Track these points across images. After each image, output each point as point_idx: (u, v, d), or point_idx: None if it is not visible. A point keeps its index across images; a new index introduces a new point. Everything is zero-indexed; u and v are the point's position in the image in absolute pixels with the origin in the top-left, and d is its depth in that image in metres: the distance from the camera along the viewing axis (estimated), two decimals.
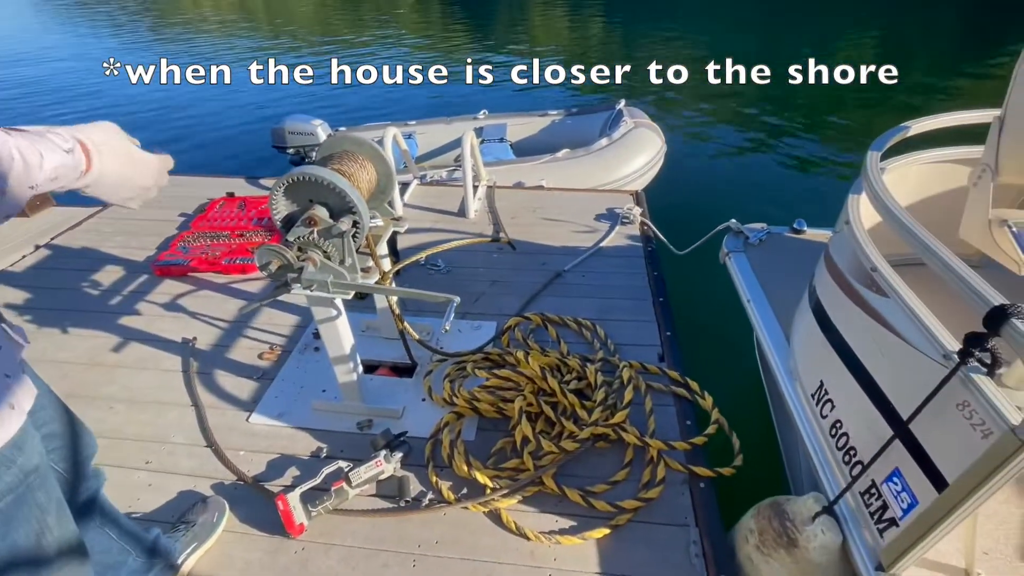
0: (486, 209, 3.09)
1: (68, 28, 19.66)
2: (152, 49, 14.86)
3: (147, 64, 7.13)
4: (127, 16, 22.55)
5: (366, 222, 1.42)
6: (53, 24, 21.00)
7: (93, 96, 9.38)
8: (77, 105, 8.76)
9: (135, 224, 2.99)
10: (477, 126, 4.60)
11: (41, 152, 0.63)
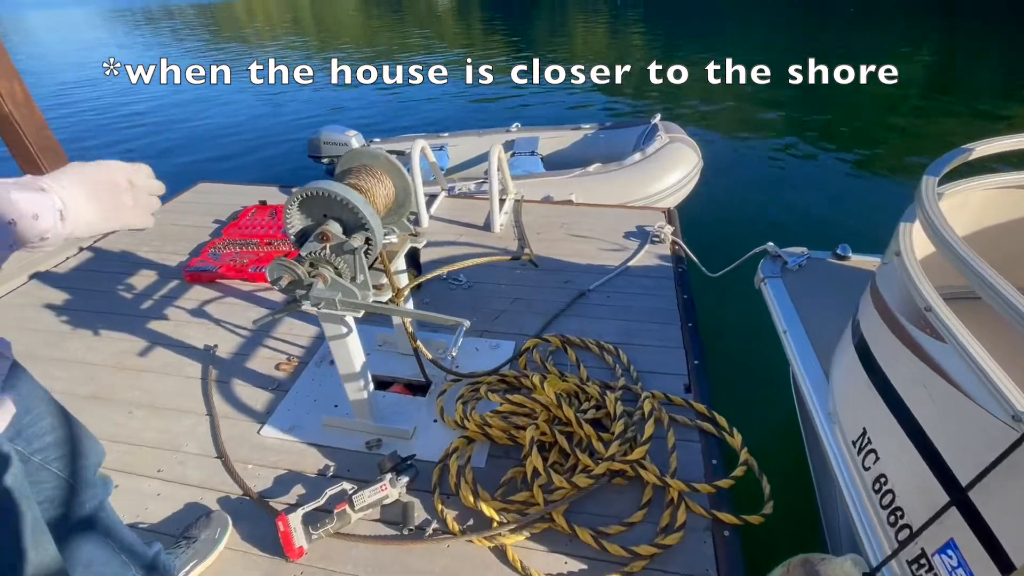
0: (512, 223, 3.04)
1: (135, 38, 20.93)
2: (207, 57, 15.65)
3: (198, 70, 7.45)
4: (188, 29, 23.87)
5: (379, 239, 1.38)
6: (122, 35, 22.38)
7: (143, 102, 9.92)
8: (126, 109, 9.29)
9: (173, 229, 3.08)
10: (509, 139, 4.58)
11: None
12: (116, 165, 0.77)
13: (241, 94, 10.83)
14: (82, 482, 1.05)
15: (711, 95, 8.44)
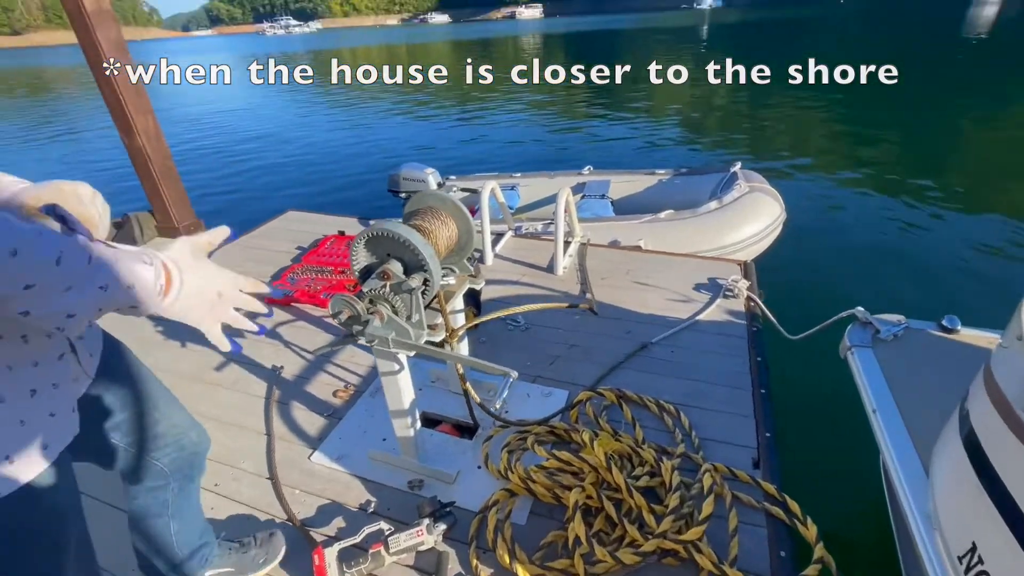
0: (576, 266, 3.00)
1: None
2: (315, 96, 17.34)
3: (305, 108, 8.23)
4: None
5: (436, 280, 1.39)
6: (248, 77, 25.34)
7: (255, 138, 11.07)
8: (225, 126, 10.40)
9: (261, 253, 3.34)
10: (580, 181, 4.60)
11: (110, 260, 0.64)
12: (224, 279, 0.81)
13: (337, 131, 11.82)
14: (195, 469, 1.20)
15: (799, 145, 8.06)
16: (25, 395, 0.72)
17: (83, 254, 0.61)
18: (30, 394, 0.73)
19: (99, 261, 0.63)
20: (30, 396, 0.73)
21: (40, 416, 0.75)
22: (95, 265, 0.62)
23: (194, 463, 1.21)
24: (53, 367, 0.77)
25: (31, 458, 0.72)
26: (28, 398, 0.72)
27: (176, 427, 1.13)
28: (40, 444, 0.74)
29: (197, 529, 1.30)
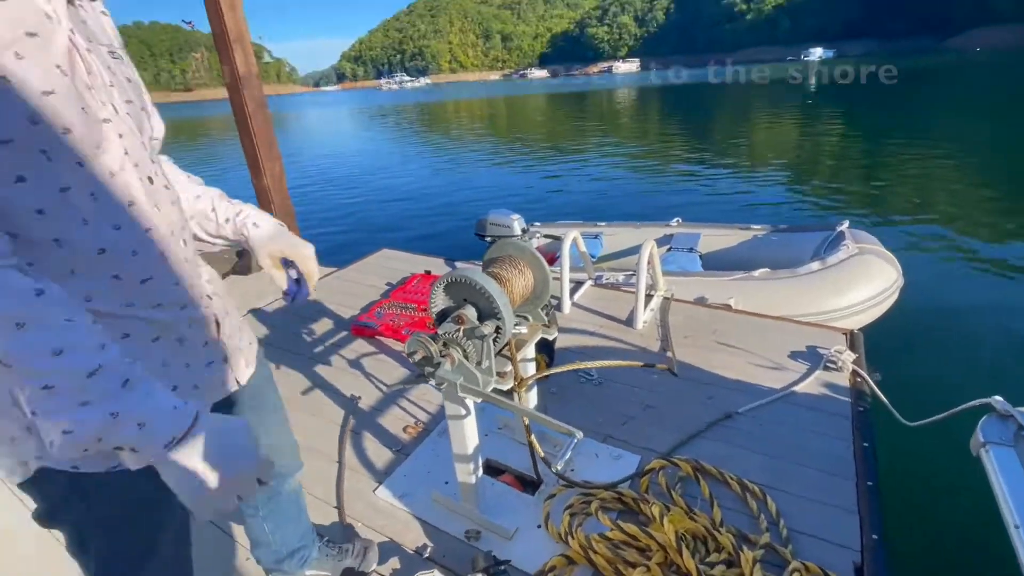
0: (657, 321, 2.88)
1: (372, 128, 26.21)
2: (421, 143, 18.83)
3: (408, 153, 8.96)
4: (408, 122, 29.05)
5: (508, 328, 1.40)
6: (362, 125, 28.18)
7: (365, 180, 12.15)
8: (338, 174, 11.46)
9: (355, 287, 3.59)
10: (667, 233, 4.48)
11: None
12: (243, 474, 0.70)
13: (435, 176, 12.66)
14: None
15: (923, 207, 7.29)
16: (218, 363, 0.85)
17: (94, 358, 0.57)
18: (172, 389, 0.79)
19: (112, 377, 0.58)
20: (171, 390, 0.76)
21: (216, 377, 0.87)
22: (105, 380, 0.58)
23: (280, 481, 1.29)
24: (200, 372, 0.87)
25: None
26: (217, 362, 0.86)
27: (278, 450, 1.23)
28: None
29: (296, 532, 1.37)
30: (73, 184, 0.62)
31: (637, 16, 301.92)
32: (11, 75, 0.54)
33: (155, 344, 0.77)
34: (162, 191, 0.77)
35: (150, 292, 0.74)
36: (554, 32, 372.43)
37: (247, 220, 1.02)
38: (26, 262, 0.58)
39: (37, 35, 0.57)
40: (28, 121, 0.56)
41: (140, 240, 0.71)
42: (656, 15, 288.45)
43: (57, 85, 0.59)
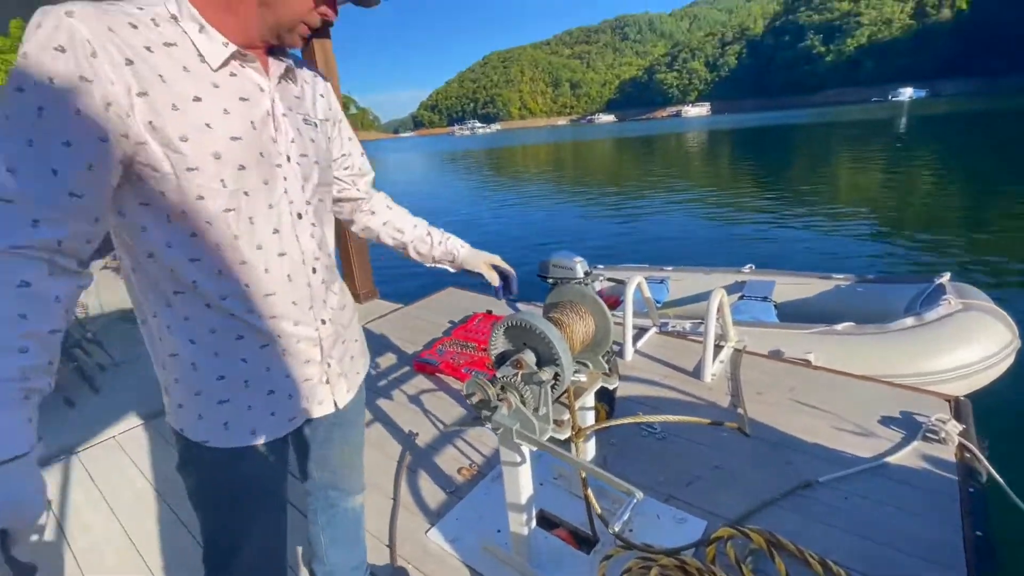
0: (727, 375, 2.71)
1: (444, 171, 27.62)
2: (484, 189, 19.53)
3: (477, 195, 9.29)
4: (478, 165, 30.34)
5: (567, 376, 1.37)
6: (435, 169, 29.78)
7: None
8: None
9: (420, 323, 3.70)
10: (739, 280, 4.28)
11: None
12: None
13: (503, 217, 13.00)
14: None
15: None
16: (263, 393, 0.93)
17: None
18: (267, 393, 0.93)
19: None
20: (267, 394, 0.93)
21: (264, 407, 0.94)
22: None
23: (341, 496, 1.35)
24: (298, 385, 0.97)
25: (238, 429, 0.93)
26: (265, 395, 0.93)
27: (348, 468, 1.31)
28: (252, 426, 0.94)
29: (351, 559, 1.42)
30: (235, 208, 0.81)
31: (708, 61, 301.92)
32: (213, 124, 0.76)
33: (263, 350, 0.91)
34: (307, 226, 0.93)
35: (270, 305, 0.88)
36: (622, 79, 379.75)
37: (455, 244, 1.34)
38: (194, 258, 0.80)
39: (248, 100, 0.81)
40: (212, 156, 0.77)
41: (273, 261, 0.87)
42: (728, 60, 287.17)
43: (245, 134, 0.80)
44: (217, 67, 0.78)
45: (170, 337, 0.86)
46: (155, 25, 0.73)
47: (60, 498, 2.14)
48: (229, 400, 0.90)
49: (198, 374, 0.88)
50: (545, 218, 12.54)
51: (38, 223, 0.63)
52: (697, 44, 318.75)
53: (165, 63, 0.73)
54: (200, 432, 0.91)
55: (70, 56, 0.64)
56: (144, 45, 0.71)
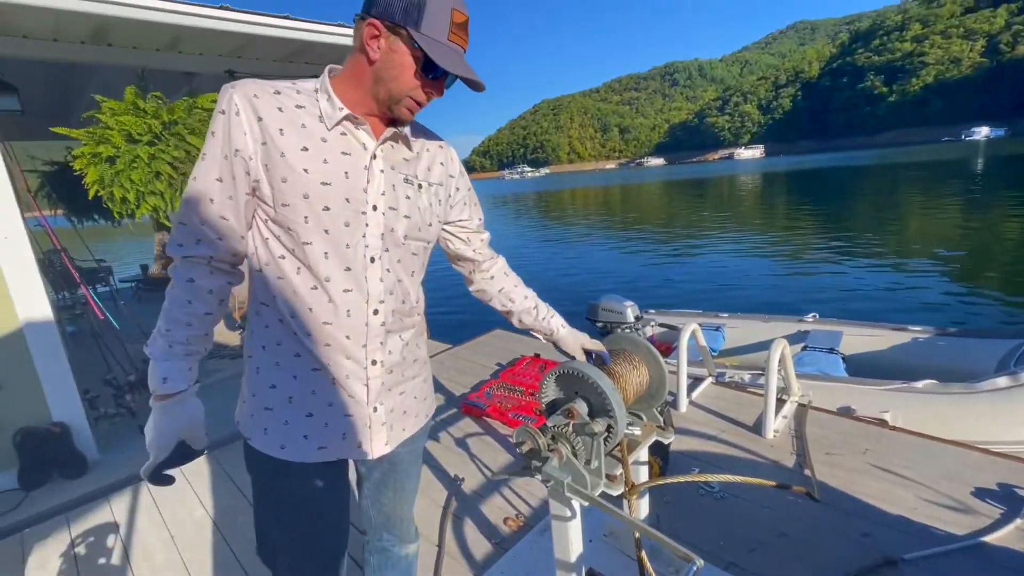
0: (791, 432, 2.53)
1: (496, 213, 28.29)
2: (532, 231, 19.80)
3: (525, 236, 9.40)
4: (527, 208, 30.92)
5: (621, 428, 1.33)
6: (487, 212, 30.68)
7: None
8: None
9: (467, 365, 3.73)
10: (801, 329, 4.06)
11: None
12: (151, 447, 0.93)
13: (550, 259, 13.09)
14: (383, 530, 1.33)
15: None
16: (303, 414, 1.00)
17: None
18: (306, 415, 1.00)
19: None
20: (305, 416, 1.00)
21: (298, 427, 0.99)
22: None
23: (395, 543, 1.34)
24: (339, 419, 1.01)
25: (303, 442, 1.00)
26: (304, 416, 0.99)
27: (399, 517, 1.31)
28: (320, 442, 1.01)
29: None
30: (314, 241, 0.92)
31: (761, 104, 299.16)
32: (309, 169, 0.90)
33: (313, 373, 0.98)
34: (378, 270, 1.00)
35: (326, 333, 0.96)
36: (672, 122, 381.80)
37: (557, 323, 1.37)
38: (279, 276, 0.94)
39: (349, 154, 0.94)
40: (302, 196, 0.90)
41: (338, 294, 0.95)
42: (782, 103, 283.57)
43: (335, 182, 0.92)
44: (331, 127, 0.93)
45: (249, 340, 1.01)
46: (296, 93, 0.93)
47: (128, 522, 2.25)
48: (272, 409, 0.99)
49: (258, 378, 0.99)
50: (593, 260, 12.51)
51: (199, 241, 0.91)
52: (749, 88, 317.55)
53: (288, 120, 0.90)
54: (248, 429, 1.02)
55: (225, 117, 0.88)
56: (277, 107, 0.90)
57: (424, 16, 0.86)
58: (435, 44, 0.87)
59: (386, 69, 0.90)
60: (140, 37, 2.69)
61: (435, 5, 0.86)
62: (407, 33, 0.87)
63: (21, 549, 2.11)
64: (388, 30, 0.88)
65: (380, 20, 0.88)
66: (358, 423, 1.03)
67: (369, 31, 0.89)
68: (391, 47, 0.89)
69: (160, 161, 2.89)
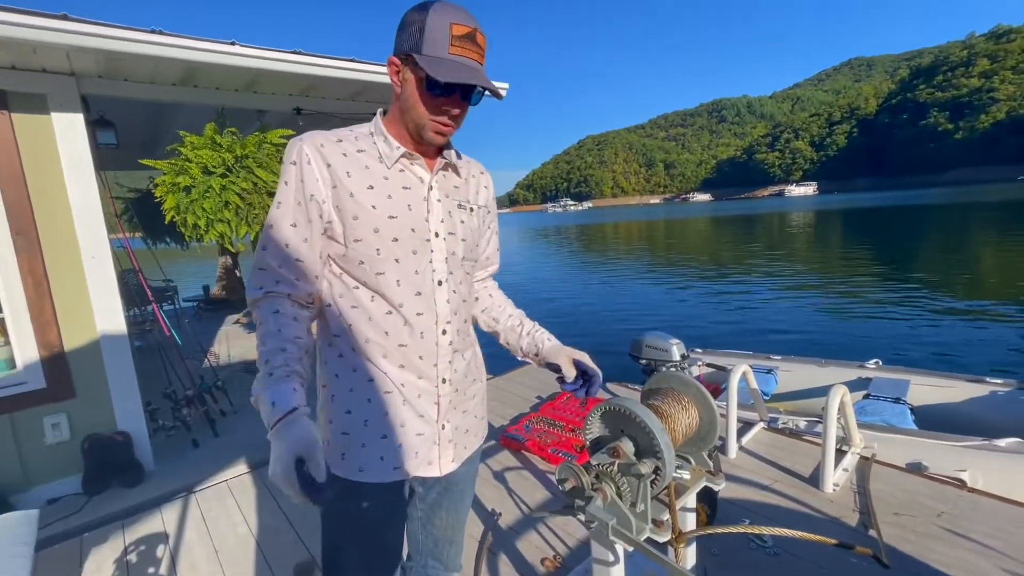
0: (852, 487, 2.35)
1: (539, 246, 28.51)
2: (574, 264, 19.75)
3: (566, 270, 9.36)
4: (569, 241, 30.94)
5: (669, 471, 1.28)
6: (529, 243, 30.85)
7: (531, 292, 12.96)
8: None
9: (507, 396, 3.70)
10: (863, 376, 3.81)
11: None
12: (274, 472, 0.84)
13: (592, 293, 12.98)
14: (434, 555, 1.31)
15: None
16: (378, 436, 1.02)
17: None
18: (381, 437, 1.02)
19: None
20: (381, 438, 1.03)
21: (375, 449, 1.02)
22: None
23: (440, 571, 1.32)
24: (411, 438, 1.04)
25: (378, 464, 1.03)
26: (379, 438, 1.02)
27: (448, 542, 1.29)
28: (395, 465, 1.04)
29: None
30: (387, 271, 0.98)
31: (813, 141, 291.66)
32: (377, 206, 0.97)
33: (386, 396, 1.02)
34: (446, 292, 1.05)
35: (401, 355, 1.01)
36: (719, 158, 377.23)
37: (542, 336, 1.30)
38: (354, 306, 1.00)
39: (409, 188, 1.01)
40: (373, 230, 0.96)
41: (412, 318, 1.01)
42: (836, 139, 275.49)
43: (401, 214, 0.99)
44: (391, 165, 1.00)
45: (323, 370, 1.05)
46: (355, 139, 1.01)
47: (177, 533, 2.33)
48: (349, 433, 1.02)
49: (334, 405, 1.03)
50: (637, 296, 12.30)
51: (279, 282, 0.96)
52: (801, 124, 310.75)
53: (353, 164, 0.98)
54: (327, 456, 1.03)
55: (297, 167, 0.95)
56: (342, 153, 0.98)
57: (424, 39, 0.90)
58: (435, 61, 0.89)
59: (405, 99, 0.97)
60: (222, 79, 2.95)
61: (432, 25, 0.90)
62: (413, 59, 0.92)
63: (80, 552, 2.22)
64: (402, 63, 0.95)
65: (396, 56, 0.96)
66: (429, 441, 1.07)
67: (391, 69, 0.97)
68: (405, 77, 0.96)
69: (230, 192, 3.11)
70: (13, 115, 2.44)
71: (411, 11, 0.94)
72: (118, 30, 2.23)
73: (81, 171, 2.61)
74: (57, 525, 2.39)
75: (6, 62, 2.33)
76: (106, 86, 2.70)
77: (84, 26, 2.15)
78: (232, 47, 2.55)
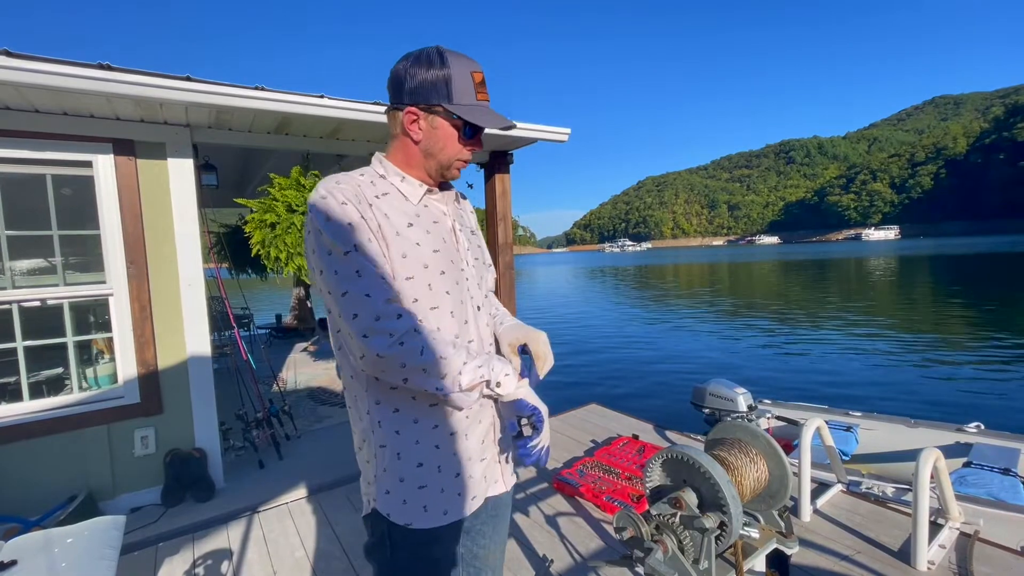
0: (951, 567, 2.07)
1: (592, 284, 28.27)
2: (632, 305, 19.35)
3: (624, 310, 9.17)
4: (626, 281, 30.43)
5: (736, 527, 1.20)
6: (584, 282, 30.56)
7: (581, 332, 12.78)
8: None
9: (560, 439, 3.62)
10: (961, 440, 3.42)
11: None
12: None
13: (652, 336, 12.60)
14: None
15: None
16: (452, 476, 1.04)
17: None
18: (455, 476, 1.04)
19: None
20: (455, 477, 1.05)
21: (453, 489, 1.04)
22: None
23: None
24: (474, 465, 1.07)
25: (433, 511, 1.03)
26: (454, 478, 1.04)
27: (490, 568, 1.26)
28: (444, 507, 1.04)
29: None
30: (440, 304, 1.02)
31: (894, 183, 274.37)
32: (421, 242, 1.01)
33: (451, 437, 1.03)
34: (484, 316, 1.12)
35: None
36: (787, 200, 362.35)
37: (505, 319, 1.24)
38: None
39: (438, 222, 1.07)
40: (423, 266, 1.00)
41: (447, 338, 1.00)
42: (920, 181, 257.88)
43: (441, 247, 1.04)
44: (416, 203, 1.05)
45: (380, 430, 1.01)
46: (372, 184, 1.02)
47: (240, 551, 2.42)
48: (427, 485, 1.02)
49: (401, 462, 1.01)
50: (699, 341, 11.80)
51: (400, 316, 0.94)
52: (879, 165, 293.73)
53: (388, 204, 1.01)
54: (405, 515, 1.02)
55: (350, 206, 0.95)
56: (374, 195, 1.00)
57: (452, 89, 0.97)
58: (469, 109, 0.98)
59: (432, 144, 1.02)
60: (310, 127, 3.25)
61: (458, 75, 0.97)
62: (443, 108, 0.98)
63: (154, 560, 2.36)
64: (424, 112, 0.99)
65: (415, 106, 0.99)
66: (492, 463, 1.12)
67: (408, 118, 1.00)
68: (431, 125, 1.00)
69: None
70: (138, 161, 2.81)
71: (420, 65, 0.97)
72: (227, 87, 2.54)
73: (187, 209, 2.93)
74: (137, 533, 2.56)
75: (136, 116, 2.71)
76: (213, 135, 3.05)
77: (201, 84, 2.47)
78: (321, 99, 2.82)
